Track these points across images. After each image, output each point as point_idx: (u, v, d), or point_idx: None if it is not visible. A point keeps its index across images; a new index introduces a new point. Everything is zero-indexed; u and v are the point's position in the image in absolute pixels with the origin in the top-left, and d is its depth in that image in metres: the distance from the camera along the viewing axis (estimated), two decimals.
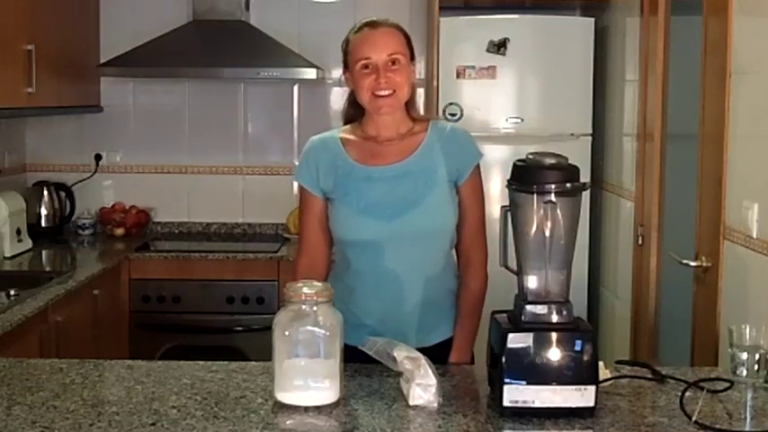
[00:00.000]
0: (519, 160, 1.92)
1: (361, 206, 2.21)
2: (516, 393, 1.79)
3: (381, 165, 2.25)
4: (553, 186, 1.83)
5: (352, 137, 2.30)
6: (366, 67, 2.20)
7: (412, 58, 2.28)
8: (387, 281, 2.23)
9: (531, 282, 1.88)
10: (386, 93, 2.19)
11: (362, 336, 2.08)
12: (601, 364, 1.90)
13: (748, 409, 1.90)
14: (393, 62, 2.20)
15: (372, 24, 2.25)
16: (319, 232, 2.31)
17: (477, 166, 2.29)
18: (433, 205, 2.22)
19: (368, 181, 2.23)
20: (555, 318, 1.85)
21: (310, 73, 4.10)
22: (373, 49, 2.20)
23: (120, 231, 4.41)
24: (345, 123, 2.35)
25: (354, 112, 2.33)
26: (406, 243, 2.21)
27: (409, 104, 2.30)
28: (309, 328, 1.83)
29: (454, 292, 2.33)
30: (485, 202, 2.31)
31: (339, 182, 2.25)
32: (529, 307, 1.86)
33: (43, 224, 4.32)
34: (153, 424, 1.75)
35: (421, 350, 1.96)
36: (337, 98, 4.51)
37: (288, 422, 1.80)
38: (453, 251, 2.33)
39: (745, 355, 1.98)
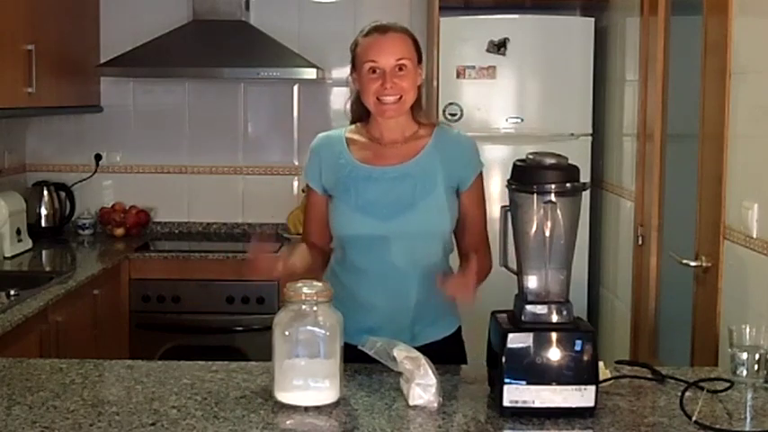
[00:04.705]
0: (519, 160, 1.92)
1: (358, 204, 2.24)
2: (516, 393, 1.80)
3: (382, 165, 2.27)
4: (553, 186, 1.84)
5: (357, 137, 2.32)
6: (373, 71, 2.21)
7: (419, 61, 2.29)
8: (379, 278, 2.25)
9: (531, 282, 1.88)
10: (391, 99, 2.21)
11: (354, 331, 2.07)
12: (601, 364, 1.90)
13: (748, 409, 1.90)
14: (400, 68, 2.21)
15: (381, 29, 2.25)
16: (319, 228, 2.36)
17: (480, 175, 2.31)
18: (428, 209, 2.23)
19: (367, 180, 2.25)
20: (555, 318, 1.85)
21: (310, 73, 4.10)
22: (381, 54, 2.21)
23: (120, 231, 4.41)
24: (352, 122, 2.36)
25: (361, 112, 2.33)
26: (399, 243, 2.23)
27: (414, 107, 2.30)
28: (309, 328, 1.84)
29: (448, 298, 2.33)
30: (486, 210, 2.33)
31: (340, 180, 2.27)
32: (529, 307, 1.86)
33: (43, 224, 4.31)
34: (153, 424, 1.75)
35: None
36: (337, 98, 4.52)
37: (288, 422, 1.80)
38: (449, 259, 2.33)
39: (745, 355, 1.98)
